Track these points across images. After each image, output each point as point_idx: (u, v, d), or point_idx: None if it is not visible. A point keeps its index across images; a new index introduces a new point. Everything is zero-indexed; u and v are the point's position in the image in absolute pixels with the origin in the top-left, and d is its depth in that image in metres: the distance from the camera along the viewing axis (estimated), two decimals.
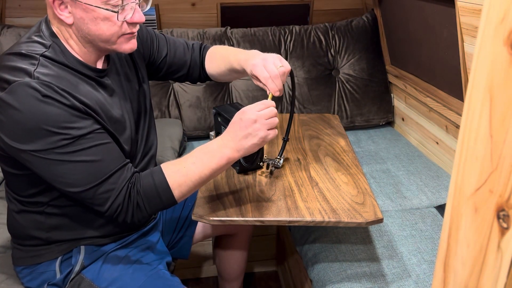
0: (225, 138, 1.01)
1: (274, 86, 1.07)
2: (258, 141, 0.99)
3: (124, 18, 0.99)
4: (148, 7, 1.06)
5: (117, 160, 1.00)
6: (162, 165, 1.02)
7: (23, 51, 0.96)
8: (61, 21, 0.99)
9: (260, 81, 1.10)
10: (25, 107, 0.90)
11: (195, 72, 1.35)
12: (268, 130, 1.00)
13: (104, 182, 0.97)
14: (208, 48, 1.35)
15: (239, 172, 1.30)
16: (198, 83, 1.45)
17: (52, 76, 0.95)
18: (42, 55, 0.97)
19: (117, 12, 0.97)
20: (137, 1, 1.00)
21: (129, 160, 1.04)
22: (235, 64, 1.21)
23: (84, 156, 0.95)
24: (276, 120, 1.02)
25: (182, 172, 1.00)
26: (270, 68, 1.08)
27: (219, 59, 1.30)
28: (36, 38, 1.00)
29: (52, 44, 0.99)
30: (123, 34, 1.01)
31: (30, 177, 1.03)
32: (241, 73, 1.21)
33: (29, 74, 0.92)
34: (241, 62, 1.17)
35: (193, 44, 1.35)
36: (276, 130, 1.03)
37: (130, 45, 1.04)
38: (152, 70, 1.31)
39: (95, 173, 0.96)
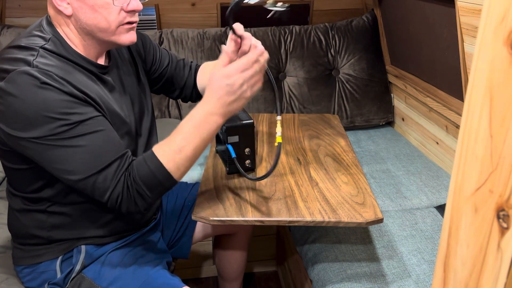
0: (211, 104, 0.97)
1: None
2: (246, 102, 0.99)
3: (121, 4, 0.99)
4: None
5: (117, 148, 0.99)
6: (154, 148, 1.00)
7: (22, 44, 0.97)
8: (60, 13, 0.99)
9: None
10: (25, 94, 0.90)
11: (188, 90, 1.38)
12: (253, 88, 0.98)
13: (103, 171, 0.96)
14: (199, 66, 1.39)
15: (229, 173, 1.30)
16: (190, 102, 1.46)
17: (51, 66, 0.95)
18: (42, 47, 0.97)
19: None
20: None
21: (128, 149, 1.03)
22: None
23: (84, 141, 0.94)
24: (260, 75, 0.99)
25: (175, 149, 0.98)
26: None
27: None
28: (36, 33, 1.01)
29: (52, 38, 1.00)
30: (122, 24, 1.01)
31: (32, 171, 1.03)
32: None
33: (28, 63, 0.93)
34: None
35: (191, 62, 1.39)
36: (261, 81, 1.00)
37: (130, 37, 1.04)
38: (151, 80, 1.33)
39: (94, 160, 0.96)
